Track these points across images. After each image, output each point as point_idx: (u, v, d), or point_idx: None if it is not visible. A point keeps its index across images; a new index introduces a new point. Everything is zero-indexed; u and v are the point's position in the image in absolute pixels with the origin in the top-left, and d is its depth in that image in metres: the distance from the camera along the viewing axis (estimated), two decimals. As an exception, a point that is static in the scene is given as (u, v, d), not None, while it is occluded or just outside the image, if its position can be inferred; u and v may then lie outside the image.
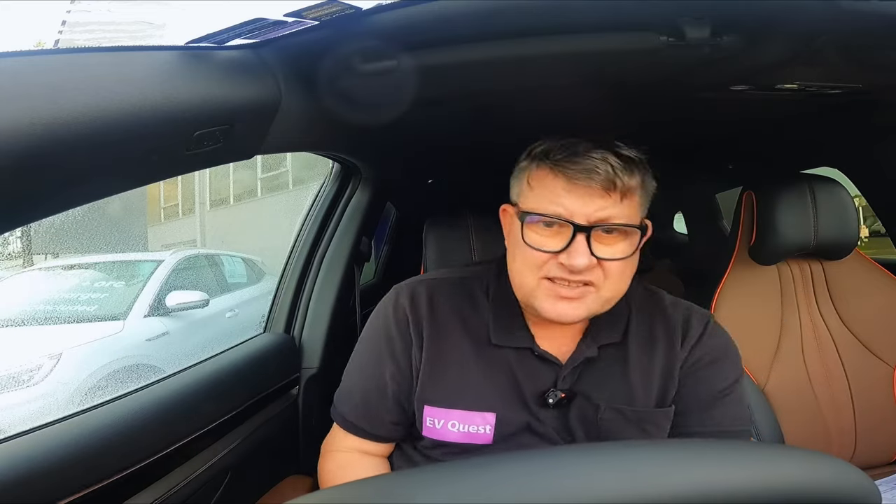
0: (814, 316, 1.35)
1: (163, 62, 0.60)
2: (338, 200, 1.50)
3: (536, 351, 0.85)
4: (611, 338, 0.86)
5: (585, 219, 0.75)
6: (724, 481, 0.37)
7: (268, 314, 1.44)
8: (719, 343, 0.90)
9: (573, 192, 0.75)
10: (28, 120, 0.47)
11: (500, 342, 0.86)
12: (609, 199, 0.75)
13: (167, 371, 1.02)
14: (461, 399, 0.85)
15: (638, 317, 0.89)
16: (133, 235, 3.60)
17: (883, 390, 1.30)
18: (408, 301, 0.89)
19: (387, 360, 0.88)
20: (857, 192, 1.56)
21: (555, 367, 0.85)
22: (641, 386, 0.85)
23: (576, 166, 0.75)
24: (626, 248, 0.77)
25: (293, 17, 0.61)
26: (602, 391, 0.84)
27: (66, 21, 1.11)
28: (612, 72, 0.89)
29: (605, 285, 0.78)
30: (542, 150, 0.80)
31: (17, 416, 2.23)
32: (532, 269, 0.78)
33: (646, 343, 0.87)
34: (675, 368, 0.86)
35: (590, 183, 0.74)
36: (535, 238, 0.77)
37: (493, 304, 0.89)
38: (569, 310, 0.77)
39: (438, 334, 0.87)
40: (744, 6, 0.68)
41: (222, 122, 0.67)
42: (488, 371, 0.86)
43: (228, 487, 0.99)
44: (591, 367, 0.86)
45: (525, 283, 0.80)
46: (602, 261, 0.76)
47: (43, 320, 2.75)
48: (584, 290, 0.77)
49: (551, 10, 0.67)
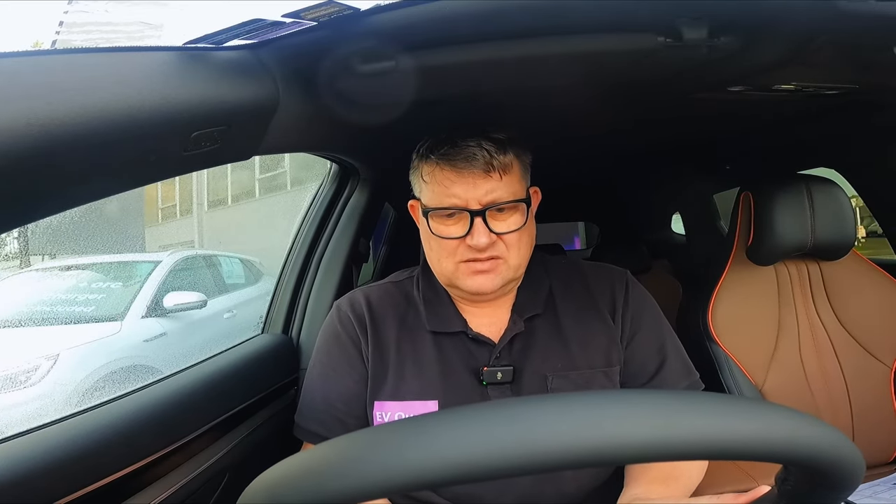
0: (811, 316, 1.35)
1: (160, 63, 0.60)
2: (336, 201, 1.50)
3: (470, 333, 0.92)
4: (535, 309, 0.94)
5: (477, 202, 0.84)
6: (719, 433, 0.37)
7: (266, 315, 1.44)
8: (643, 298, 0.98)
9: (460, 180, 0.84)
10: (25, 120, 0.47)
11: (435, 328, 0.93)
12: (492, 179, 0.84)
13: (165, 372, 1.01)
14: (404, 390, 0.90)
15: (561, 287, 0.97)
16: (130, 236, 3.59)
17: (880, 390, 1.31)
18: (349, 307, 0.97)
19: (345, 366, 0.94)
20: (853, 192, 1.56)
21: (489, 347, 0.91)
22: (581, 351, 0.92)
23: (457, 156, 0.84)
24: (518, 220, 0.87)
25: (291, 17, 0.61)
26: (545, 362, 0.91)
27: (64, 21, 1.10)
28: (611, 72, 0.89)
29: (510, 255, 0.87)
30: (426, 147, 0.88)
31: (14, 417, 2.22)
32: (447, 256, 0.88)
33: (576, 310, 0.95)
34: (612, 332, 0.93)
35: (472, 167, 0.83)
36: (441, 228, 0.87)
37: (423, 296, 0.97)
38: (486, 281, 0.87)
39: (379, 332, 0.94)
40: (742, 7, 0.68)
41: (220, 123, 0.67)
42: (427, 360, 0.92)
43: (227, 487, 0.99)
44: (529, 341, 0.92)
45: (445, 268, 0.89)
46: (501, 235, 0.85)
47: (40, 321, 2.74)
48: (494, 263, 0.86)
49: (549, 11, 0.67)
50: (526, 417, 0.36)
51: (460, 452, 0.34)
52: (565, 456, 0.35)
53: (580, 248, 4.77)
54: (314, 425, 0.92)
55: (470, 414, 0.36)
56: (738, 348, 1.30)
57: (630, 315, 0.95)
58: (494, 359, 0.90)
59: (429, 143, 0.88)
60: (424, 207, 0.89)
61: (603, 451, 0.35)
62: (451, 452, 0.34)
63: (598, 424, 0.36)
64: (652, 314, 0.97)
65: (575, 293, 0.97)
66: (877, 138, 1.39)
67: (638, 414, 0.36)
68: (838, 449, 0.38)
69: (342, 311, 0.97)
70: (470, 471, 0.34)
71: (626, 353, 0.93)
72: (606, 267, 1.02)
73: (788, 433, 0.38)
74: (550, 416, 0.36)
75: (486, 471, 0.34)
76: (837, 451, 0.38)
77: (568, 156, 1.73)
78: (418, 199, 0.92)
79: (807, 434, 0.38)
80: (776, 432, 0.37)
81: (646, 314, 0.97)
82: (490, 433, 0.35)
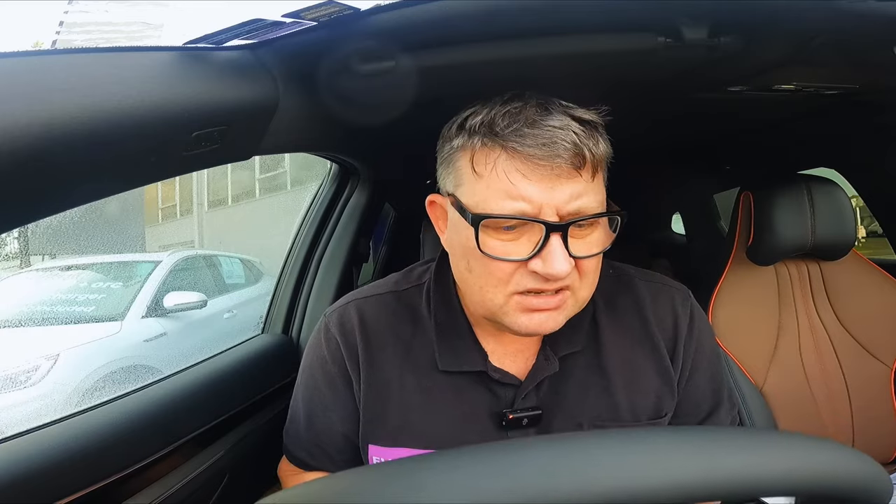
0: (811, 316, 1.35)
1: (160, 63, 0.59)
2: (336, 201, 1.50)
3: (492, 374, 0.73)
4: (574, 345, 0.73)
5: (556, 212, 0.60)
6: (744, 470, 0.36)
7: (266, 315, 1.44)
8: (705, 328, 0.80)
9: (535, 178, 0.60)
10: (26, 120, 0.47)
11: (448, 367, 0.74)
12: (580, 180, 0.61)
13: (165, 372, 1.01)
14: (406, 436, 0.74)
15: (608, 314, 0.76)
16: (130, 236, 3.59)
17: (880, 390, 1.31)
18: (337, 329, 0.78)
19: (330, 401, 0.78)
20: (854, 192, 1.56)
21: (514, 388, 0.73)
22: (628, 397, 0.74)
23: (533, 140, 0.60)
24: (602, 239, 0.65)
25: (291, 17, 0.61)
26: (582, 406, 0.73)
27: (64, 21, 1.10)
28: (610, 72, 0.89)
29: (581, 286, 0.66)
30: (482, 121, 0.63)
31: (14, 417, 2.22)
32: (496, 285, 0.64)
33: (627, 345, 0.76)
34: (669, 374, 0.75)
35: (554, 160, 0.59)
36: (495, 246, 0.62)
37: (436, 320, 0.76)
38: (548, 321, 0.65)
39: (374, 363, 0.76)
40: (742, 7, 0.68)
41: (220, 123, 0.67)
42: (435, 402, 0.74)
43: (226, 488, 0.99)
44: (563, 382, 0.73)
45: (489, 299, 0.66)
46: (579, 260, 0.63)
47: (40, 321, 2.74)
48: (561, 298, 0.64)
49: (549, 11, 0.67)
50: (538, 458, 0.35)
51: None
52: None
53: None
54: (299, 451, 0.82)
55: None
56: (739, 348, 1.30)
57: (693, 351, 0.77)
58: (520, 400, 0.72)
59: (485, 115, 0.63)
60: (472, 211, 0.63)
61: None
62: None
63: None
64: (713, 346, 0.80)
65: (626, 322, 0.76)
66: (877, 138, 1.39)
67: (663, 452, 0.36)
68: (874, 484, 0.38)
69: (330, 335, 0.78)
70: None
71: (680, 395, 0.76)
72: (666, 283, 0.81)
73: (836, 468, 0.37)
74: None
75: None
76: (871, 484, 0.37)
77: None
78: (451, 195, 0.68)
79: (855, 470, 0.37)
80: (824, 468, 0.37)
81: (707, 347, 0.79)
82: None
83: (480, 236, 0.62)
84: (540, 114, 0.62)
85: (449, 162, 0.68)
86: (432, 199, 0.73)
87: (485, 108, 0.65)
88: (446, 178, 0.69)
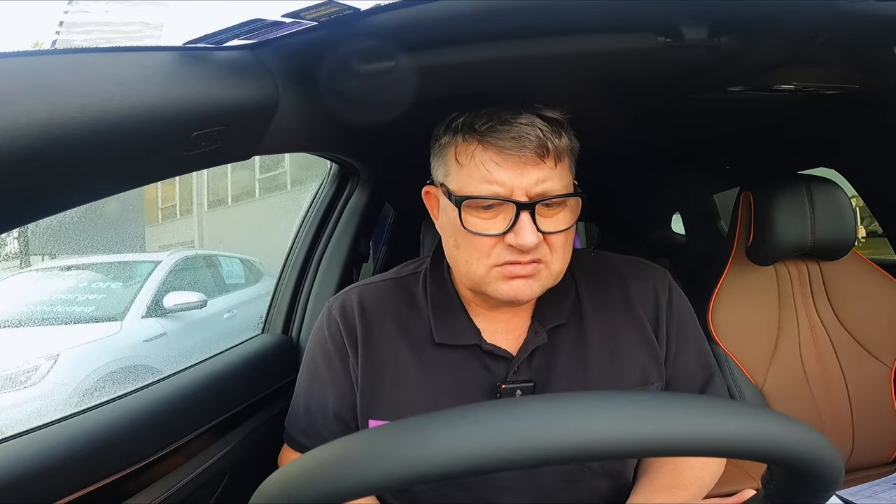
0: (811, 316, 1.35)
1: (160, 63, 0.59)
2: (336, 201, 1.50)
3: (485, 346, 0.80)
4: (559, 318, 0.82)
5: (525, 193, 0.71)
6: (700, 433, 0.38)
7: (265, 315, 1.44)
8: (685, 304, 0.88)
9: (507, 165, 0.72)
10: (26, 120, 0.47)
11: (444, 340, 0.81)
12: (544, 167, 0.72)
13: (165, 372, 1.01)
14: (404, 409, 0.79)
15: (590, 291, 0.85)
16: (130, 236, 3.59)
17: (880, 390, 1.31)
18: (338, 312, 0.85)
19: (327, 381, 0.85)
20: (854, 192, 1.56)
21: (506, 362, 0.80)
22: (612, 369, 0.81)
23: (504, 134, 0.71)
24: (568, 218, 0.75)
25: (291, 17, 0.61)
26: (570, 379, 0.80)
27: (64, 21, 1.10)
28: (610, 72, 0.89)
29: (553, 259, 0.75)
30: (463, 122, 0.75)
31: (14, 418, 2.22)
32: (479, 257, 0.74)
33: (609, 319, 0.83)
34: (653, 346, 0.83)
35: (522, 151, 0.71)
36: (476, 223, 0.73)
37: (432, 300, 0.84)
38: (524, 287, 0.74)
39: (373, 342, 0.83)
40: (742, 7, 0.68)
41: (220, 123, 0.67)
42: (432, 375, 0.81)
43: (226, 488, 0.99)
44: (552, 355, 0.81)
45: (473, 271, 0.76)
46: (547, 235, 0.73)
47: (40, 321, 2.75)
48: (535, 267, 0.74)
49: (549, 11, 0.67)
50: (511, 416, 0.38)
51: (471, 445, 0.37)
52: None
53: (580, 247, 4.76)
54: (297, 434, 0.86)
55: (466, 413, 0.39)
56: (738, 348, 1.30)
57: (675, 327, 0.84)
58: (513, 374, 0.79)
59: (466, 118, 0.75)
60: (456, 195, 0.74)
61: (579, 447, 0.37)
62: (462, 446, 0.37)
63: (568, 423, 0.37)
64: (695, 322, 0.87)
65: (607, 299, 0.84)
66: (877, 138, 1.39)
67: (619, 412, 0.38)
68: (814, 449, 0.39)
69: (331, 317, 0.86)
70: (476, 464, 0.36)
71: (670, 372, 0.84)
72: (645, 265, 0.89)
73: (764, 432, 0.39)
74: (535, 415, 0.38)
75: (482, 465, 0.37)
76: (814, 452, 0.39)
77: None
78: (442, 184, 0.79)
79: (781, 433, 0.39)
80: (752, 431, 0.38)
81: (689, 323, 0.86)
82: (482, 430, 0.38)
83: (463, 215, 0.73)
84: (511, 113, 0.73)
85: (439, 156, 0.79)
86: (427, 190, 0.84)
87: (467, 113, 0.76)
88: (437, 170, 0.80)
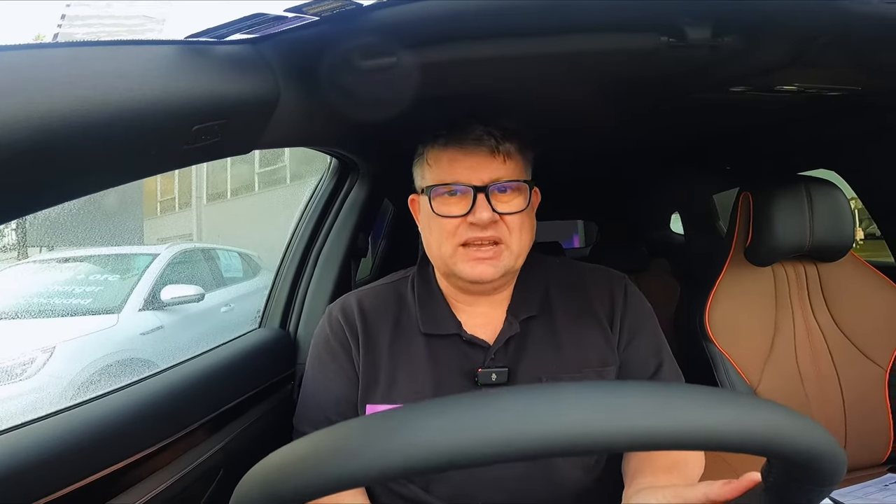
0: (807, 318, 1.36)
1: (162, 56, 0.59)
2: (335, 196, 1.50)
3: (464, 336, 0.92)
4: (530, 311, 0.94)
5: (480, 181, 0.85)
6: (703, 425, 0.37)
7: (263, 309, 1.44)
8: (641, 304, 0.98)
9: (465, 160, 0.86)
10: (26, 113, 0.47)
11: (428, 330, 0.93)
12: (496, 161, 0.86)
13: (161, 365, 1.01)
14: (396, 393, 0.90)
15: (557, 289, 0.97)
16: (129, 229, 3.58)
17: (874, 391, 1.31)
18: (340, 313, 0.97)
19: (334, 370, 0.94)
20: (853, 194, 1.56)
21: (484, 349, 0.91)
22: (575, 353, 0.92)
23: (465, 137, 0.86)
24: (521, 202, 0.87)
25: (293, 12, 0.60)
26: (539, 363, 0.91)
27: (66, 14, 1.10)
28: (612, 71, 0.89)
29: (512, 240, 0.87)
30: (435, 135, 0.90)
31: (9, 410, 2.22)
32: (447, 237, 0.87)
33: (572, 312, 0.95)
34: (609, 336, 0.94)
35: (478, 148, 0.85)
36: (443, 207, 0.87)
37: (417, 295, 0.97)
38: (488, 269, 0.86)
39: (371, 336, 0.94)
40: (745, 7, 0.68)
41: (221, 117, 0.67)
42: (420, 362, 0.92)
43: (221, 483, 0.99)
44: (524, 343, 0.92)
45: (443, 251, 0.88)
46: (503, 216, 0.86)
47: (37, 313, 2.74)
48: (496, 250, 0.87)
49: (552, 10, 0.67)
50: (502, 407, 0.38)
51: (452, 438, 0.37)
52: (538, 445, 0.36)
53: (579, 246, 4.78)
54: (305, 426, 0.93)
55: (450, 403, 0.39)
56: (734, 348, 1.30)
57: (628, 321, 0.95)
58: (489, 360, 0.90)
59: (438, 130, 0.90)
60: (427, 187, 0.89)
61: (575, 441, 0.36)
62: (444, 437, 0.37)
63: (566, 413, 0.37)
64: (650, 320, 0.98)
65: (572, 296, 0.97)
66: (877, 140, 1.39)
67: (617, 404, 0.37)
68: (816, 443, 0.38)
69: (333, 317, 0.97)
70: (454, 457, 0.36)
71: (623, 356, 0.94)
72: (605, 270, 1.02)
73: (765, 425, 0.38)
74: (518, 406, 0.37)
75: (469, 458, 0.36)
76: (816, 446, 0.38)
77: (568, 154, 1.73)
78: (420, 189, 0.93)
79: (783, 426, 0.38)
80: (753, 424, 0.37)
81: (643, 320, 0.97)
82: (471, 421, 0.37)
83: (433, 202, 0.88)
84: (471, 124, 0.87)
85: (417, 165, 0.94)
86: (413, 198, 0.97)
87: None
88: (417, 178, 0.94)
